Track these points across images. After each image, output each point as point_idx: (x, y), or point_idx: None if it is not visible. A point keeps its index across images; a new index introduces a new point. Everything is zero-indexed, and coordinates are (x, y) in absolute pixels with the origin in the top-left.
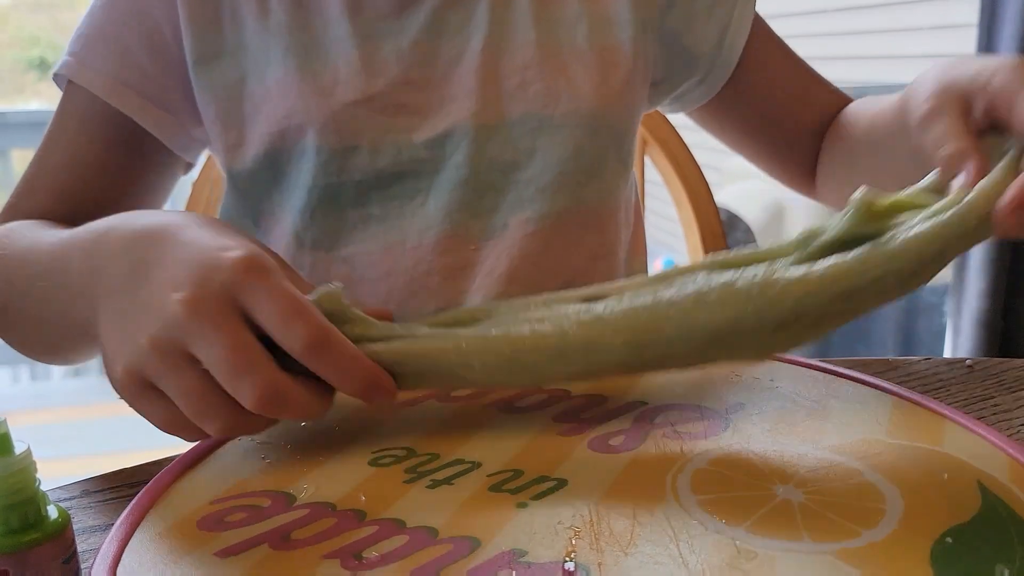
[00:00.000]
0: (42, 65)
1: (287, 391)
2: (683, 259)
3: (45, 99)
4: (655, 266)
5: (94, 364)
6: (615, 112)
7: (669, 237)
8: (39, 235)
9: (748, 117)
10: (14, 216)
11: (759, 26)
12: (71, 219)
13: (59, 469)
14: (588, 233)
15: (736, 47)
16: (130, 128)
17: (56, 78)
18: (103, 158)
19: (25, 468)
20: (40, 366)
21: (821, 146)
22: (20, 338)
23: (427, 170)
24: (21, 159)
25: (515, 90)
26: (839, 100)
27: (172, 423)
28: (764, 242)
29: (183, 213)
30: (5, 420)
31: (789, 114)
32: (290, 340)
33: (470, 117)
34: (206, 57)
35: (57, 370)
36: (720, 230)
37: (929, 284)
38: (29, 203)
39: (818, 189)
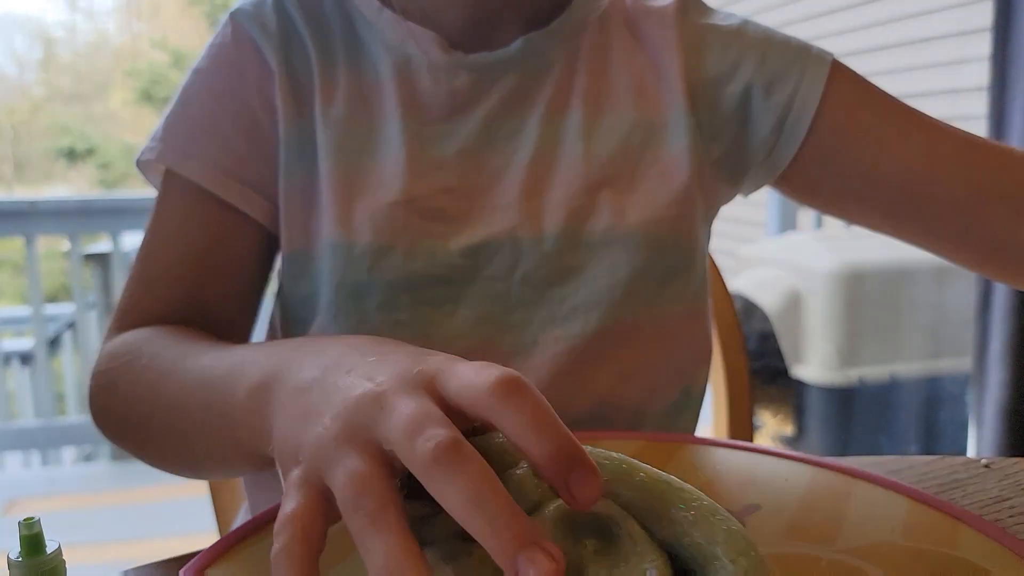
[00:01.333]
0: (71, 154)
1: None
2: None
3: (73, 187)
4: None
5: (105, 451)
6: (667, 227)
7: None
8: (187, 352)
9: (854, 188)
10: (132, 318)
11: (853, 93)
12: (191, 317)
13: (71, 555)
14: (621, 351)
15: (801, 125)
16: (235, 216)
17: (141, 164)
18: (210, 248)
19: (56, 567)
20: (52, 451)
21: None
22: (156, 453)
23: (460, 279)
24: (46, 244)
25: (557, 205)
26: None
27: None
28: (782, 329)
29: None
30: (39, 520)
31: (929, 182)
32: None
33: (509, 230)
34: (292, 144)
35: (68, 456)
36: (734, 318)
37: (950, 374)
38: (146, 303)
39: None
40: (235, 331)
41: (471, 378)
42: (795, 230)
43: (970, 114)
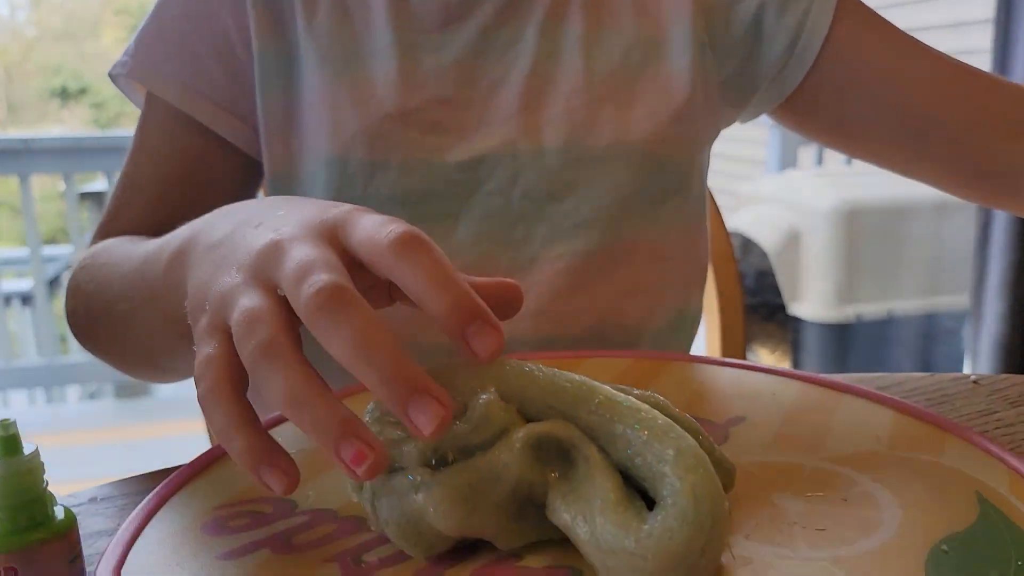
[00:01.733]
0: (64, 94)
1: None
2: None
3: (67, 126)
4: None
5: (109, 389)
6: (668, 145)
7: None
8: (135, 246)
9: (865, 116)
10: (108, 234)
11: (860, 17)
12: (164, 232)
13: (74, 490)
14: (620, 268)
15: (811, 48)
16: (213, 139)
17: (116, 78)
18: (189, 169)
19: (33, 468)
20: (56, 389)
21: None
22: (117, 350)
23: (458, 194)
24: (40, 184)
25: (557, 118)
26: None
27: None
28: (781, 266)
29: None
30: (14, 421)
31: (932, 109)
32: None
33: (508, 143)
34: (268, 62)
35: (73, 393)
36: (729, 249)
37: (947, 310)
38: (121, 221)
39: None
40: None
41: (372, 232)
42: (795, 168)
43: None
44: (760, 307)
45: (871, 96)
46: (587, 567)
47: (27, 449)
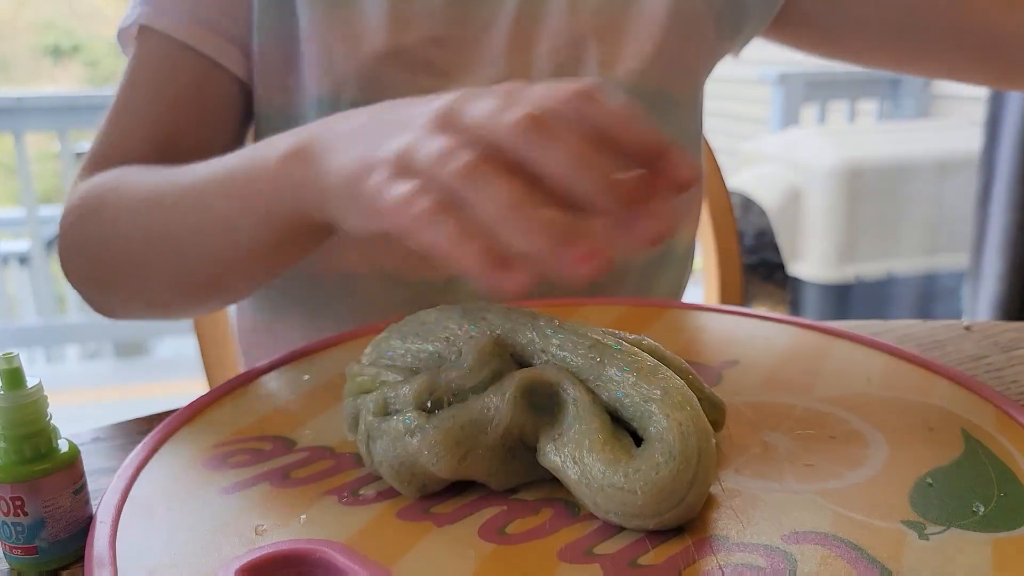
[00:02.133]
0: (56, 51)
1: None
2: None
3: (60, 84)
4: None
5: (108, 348)
6: (659, 79)
7: None
8: (178, 172)
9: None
10: (103, 163)
11: None
12: (164, 162)
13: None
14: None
15: None
16: (212, 68)
17: (121, 34)
18: (188, 98)
19: (37, 401)
20: (55, 348)
21: None
22: (141, 285)
23: None
24: (35, 143)
25: (545, 56)
26: None
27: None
28: (781, 226)
29: None
30: (17, 355)
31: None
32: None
33: (496, 82)
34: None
35: (72, 353)
36: (728, 205)
37: (946, 270)
38: (118, 150)
39: None
40: None
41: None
42: (797, 126)
43: None
44: (759, 266)
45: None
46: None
47: (30, 382)
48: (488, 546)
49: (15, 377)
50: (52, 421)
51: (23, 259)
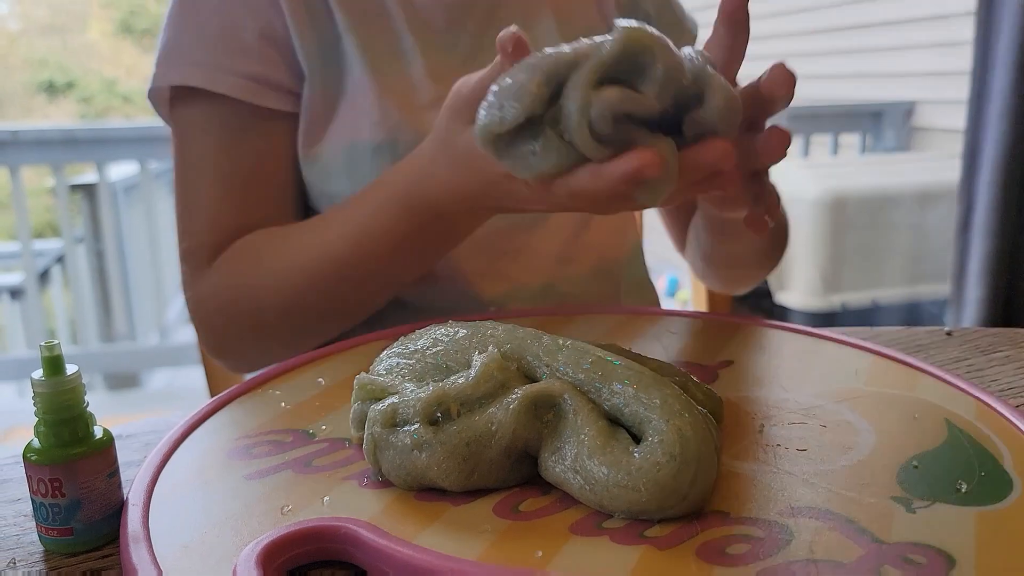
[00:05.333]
0: (51, 88)
1: None
2: (685, 276)
3: (54, 121)
4: (659, 284)
5: (99, 381)
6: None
7: (673, 254)
8: (319, 221)
9: None
10: (210, 248)
11: None
12: (257, 212)
13: None
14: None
15: None
16: (269, 116)
17: (155, 93)
18: (261, 150)
19: (75, 387)
20: None
21: None
22: (288, 335)
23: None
24: (31, 176)
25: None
26: None
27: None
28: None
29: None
30: (58, 343)
31: None
32: None
33: None
34: (311, 52)
35: None
36: None
37: (929, 296)
38: (217, 230)
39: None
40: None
41: None
42: None
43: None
44: (746, 295)
45: None
46: None
47: (69, 370)
48: (503, 522)
49: (55, 364)
50: (88, 407)
51: (15, 292)
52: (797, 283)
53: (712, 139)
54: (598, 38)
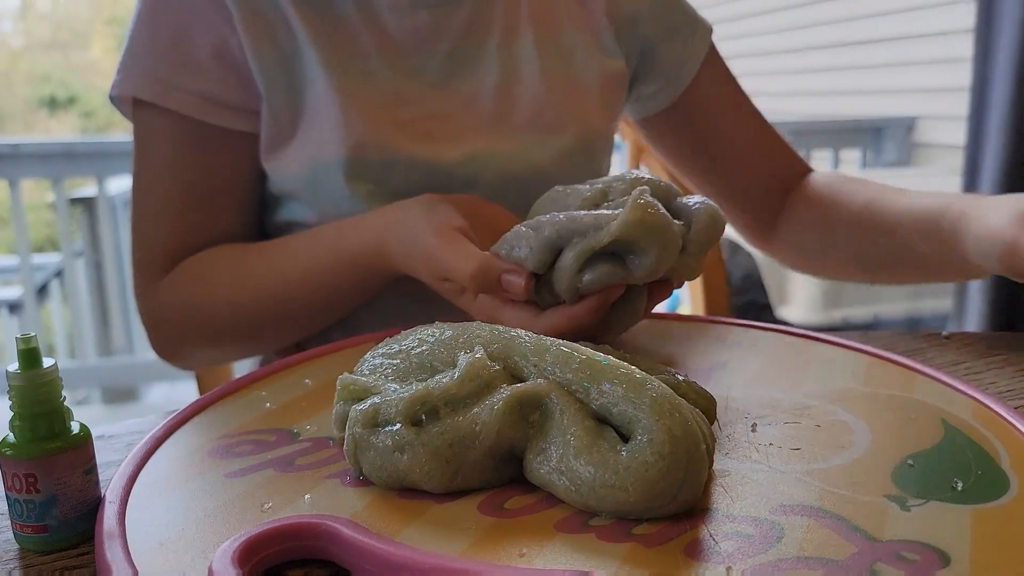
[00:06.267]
0: (52, 103)
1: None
2: (684, 293)
3: (54, 135)
4: None
5: (96, 395)
6: (612, 127)
7: None
8: (276, 255)
9: (696, 147)
10: (165, 259)
11: (719, 71)
12: (211, 238)
13: None
14: None
15: (689, 71)
16: (224, 135)
17: (116, 99)
18: (218, 173)
19: (52, 381)
20: None
21: (787, 206)
22: (231, 341)
23: (460, 187)
24: (30, 189)
25: (528, 121)
26: (800, 167)
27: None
28: (768, 271)
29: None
30: (35, 336)
31: (740, 158)
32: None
33: (490, 145)
34: (268, 66)
35: None
36: (718, 253)
37: (931, 311)
38: (173, 243)
39: (776, 247)
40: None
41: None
42: None
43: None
44: (747, 310)
45: (701, 135)
46: None
47: (46, 363)
48: (488, 520)
49: (32, 356)
50: (65, 402)
51: (13, 307)
52: (798, 298)
53: (666, 284)
54: (605, 212)
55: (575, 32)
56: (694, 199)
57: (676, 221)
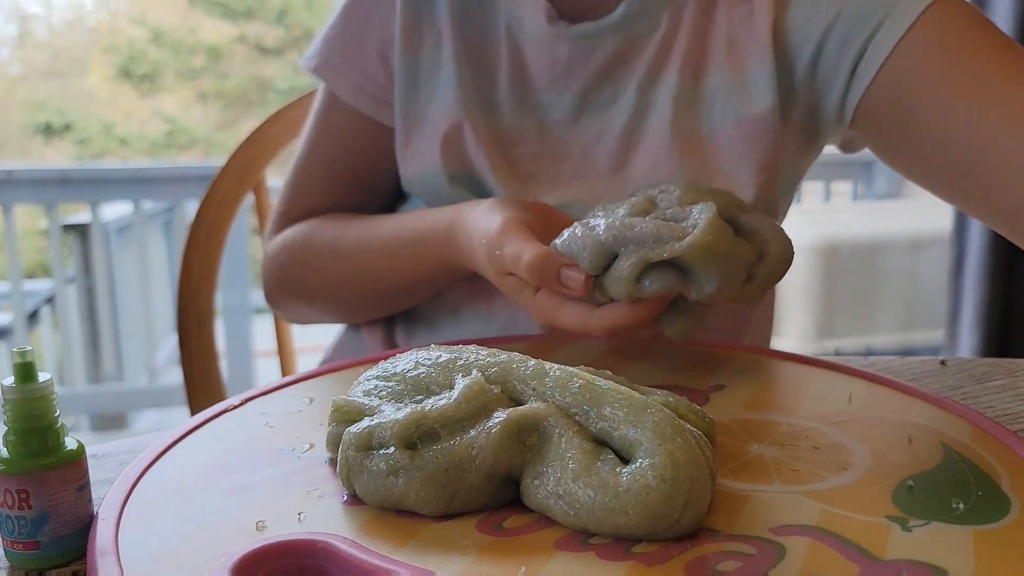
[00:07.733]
0: (48, 130)
1: None
2: None
3: (49, 161)
4: None
5: (85, 422)
6: (749, 197)
7: None
8: (368, 225)
9: (934, 166)
10: (293, 218)
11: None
12: (343, 199)
13: None
14: None
15: (869, 71)
16: (378, 128)
17: (313, 69)
18: (362, 152)
19: (47, 396)
20: None
21: None
22: (333, 297)
23: None
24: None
25: (643, 175)
26: None
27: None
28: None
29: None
30: (31, 350)
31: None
32: None
33: (593, 196)
34: (411, 71)
35: None
36: None
37: (923, 342)
38: (305, 204)
39: None
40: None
41: None
42: None
43: None
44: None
45: (922, 128)
46: None
47: (41, 378)
48: (486, 538)
49: (27, 371)
50: (59, 416)
51: (2, 332)
52: (791, 329)
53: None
54: (668, 224)
55: (728, 72)
56: (764, 222)
57: (742, 241)
